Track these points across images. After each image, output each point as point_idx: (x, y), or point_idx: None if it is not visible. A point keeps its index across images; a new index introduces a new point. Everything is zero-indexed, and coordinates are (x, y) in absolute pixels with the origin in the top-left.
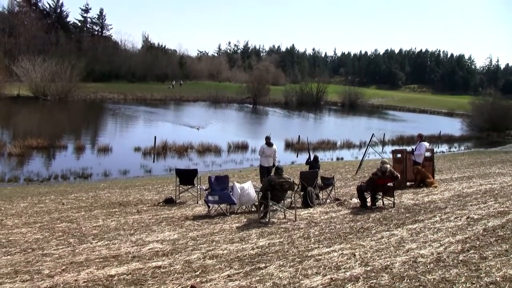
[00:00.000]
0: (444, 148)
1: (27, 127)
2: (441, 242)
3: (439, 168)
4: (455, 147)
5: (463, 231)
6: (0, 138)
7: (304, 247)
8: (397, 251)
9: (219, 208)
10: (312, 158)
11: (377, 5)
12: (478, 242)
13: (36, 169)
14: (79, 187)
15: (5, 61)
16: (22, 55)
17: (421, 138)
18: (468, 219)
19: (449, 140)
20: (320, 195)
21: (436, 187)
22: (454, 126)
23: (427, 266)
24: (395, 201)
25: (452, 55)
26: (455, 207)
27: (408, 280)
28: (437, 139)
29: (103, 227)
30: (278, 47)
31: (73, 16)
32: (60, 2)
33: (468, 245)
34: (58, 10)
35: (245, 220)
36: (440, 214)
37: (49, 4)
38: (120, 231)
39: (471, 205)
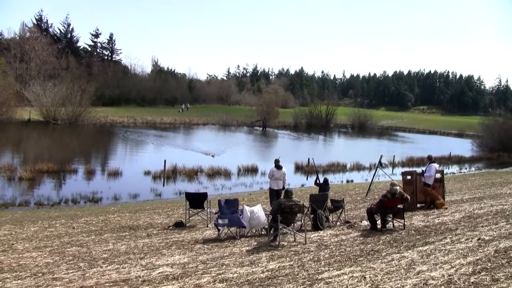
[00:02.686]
0: (454, 169)
1: (38, 151)
2: (452, 264)
3: (450, 189)
4: (466, 168)
5: (474, 252)
6: (11, 162)
7: (314, 270)
8: (408, 274)
9: (229, 231)
10: (321, 180)
11: (385, 27)
12: (489, 264)
13: (46, 193)
14: (89, 211)
15: (16, 86)
16: (33, 80)
17: (430, 159)
18: (479, 241)
19: (459, 161)
20: (330, 217)
21: (446, 208)
22: (464, 147)
23: None
24: (405, 223)
25: (461, 76)
26: (466, 229)
27: None
28: (447, 160)
29: (113, 251)
30: (287, 70)
31: (83, 41)
32: (71, 27)
33: (479, 267)
34: (69, 35)
35: (255, 243)
36: (450, 236)
37: (59, 29)
38: (130, 255)
39: (482, 227)
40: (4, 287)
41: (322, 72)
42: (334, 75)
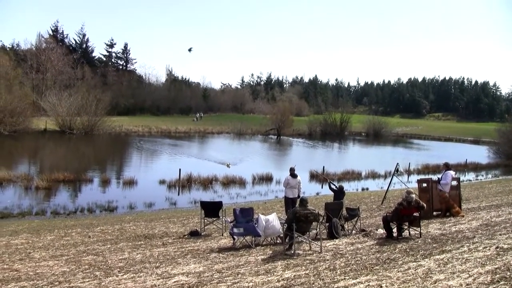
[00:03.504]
0: (470, 176)
1: (54, 161)
2: (469, 273)
3: (466, 197)
4: (482, 175)
5: (493, 261)
6: (28, 171)
7: (330, 279)
8: (425, 283)
9: (244, 240)
10: (337, 186)
11: (398, 34)
12: (508, 273)
13: (62, 202)
14: (105, 220)
15: (32, 96)
16: (49, 90)
17: (447, 167)
18: (498, 249)
19: (476, 168)
20: (346, 226)
21: (463, 216)
22: (480, 154)
23: None
24: (421, 231)
25: (476, 82)
26: (484, 237)
27: None
28: (463, 168)
29: (129, 259)
30: (301, 78)
31: (98, 51)
32: (86, 37)
33: (498, 275)
34: (84, 45)
35: (271, 252)
36: (468, 244)
37: (75, 40)
38: (145, 264)
39: (500, 235)
40: None
41: (336, 80)
42: (348, 83)
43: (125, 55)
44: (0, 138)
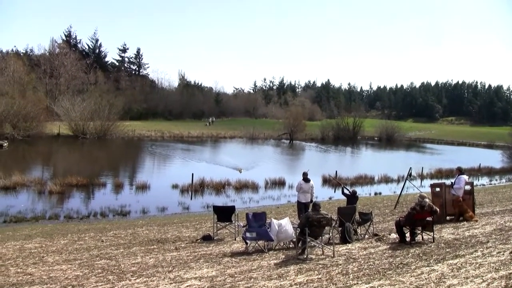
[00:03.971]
0: (484, 180)
1: (67, 165)
2: (483, 278)
3: (480, 201)
4: (496, 180)
5: (507, 266)
6: (41, 176)
7: (343, 284)
8: (438, 287)
9: (257, 244)
10: (350, 191)
11: (411, 38)
12: None
13: (75, 207)
14: (118, 224)
15: (46, 101)
16: (62, 95)
17: (460, 171)
18: None
19: (490, 172)
20: (358, 230)
21: (476, 221)
22: (494, 158)
23: None
24: (434, 235)
25: (490, 86)
26: (498, 241)
27: None
28: (477, 172)
29: (142, 264)
30: (314, 82)
31: (111, 56)
32: (99, 42)
33: None
34: (97, 50)
35: (283, 256)
36: (481, 249)
37: (88, 45)
38: (158, 268)
39: None
40: None
41: (349, 84)
42: (361, 87)
43: (138, 60)
44: (14, 142)
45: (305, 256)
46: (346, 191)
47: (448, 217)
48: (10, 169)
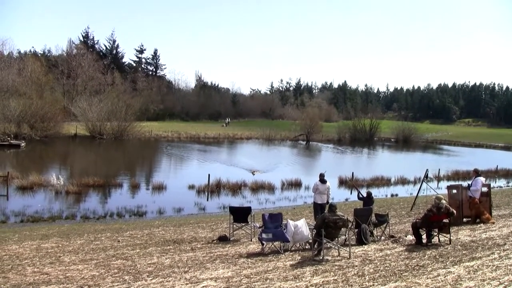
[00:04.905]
0: (501, 182)
1: (84, 166)
2: (500, 280)
3: (497, 203)
4: None
5: None
6: (58, 176)
7: (359, 285)
8: None
9: (273, 245)
10: (365, 194)
11: (429, 39)
12: None
13: (92, 207)
14: (134, 224)
15: (63, 102)
16: (79, 95)
17: (477, 173)
18: None
19: (507, 174)
20: (375, 232)
21: (493, 223)
22: None
23: None
24: (451, 237)
25: (507, 87)
26: None
27: None
28: (494, 174)
29: (158, 264)
30: (330, 83)
31: (128, 57)
32: (116, 43)
33: None
34: (114, 51)
35: (299, 257)
36: (498, 251)
37: (105, 46)
38: (174, 269)
39: None
40: None
41: (366, 85)
42: (378, 89)
43: (155, 61)
44: (31, 143)
45: (321, 258)
46: (361, 196)
47: (464, 219)
48: (28, 169)
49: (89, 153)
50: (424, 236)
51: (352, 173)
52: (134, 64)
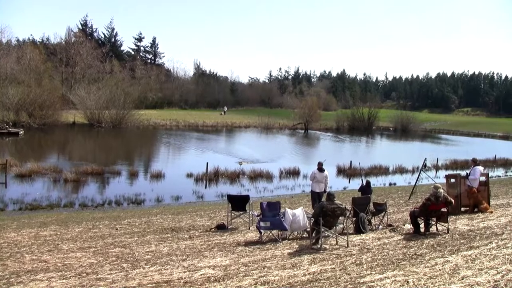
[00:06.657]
0: (500, 172)
1: (82, 154)
2: (498, 269)
3: (495, 193)
4: None
5: None
6: (57, 164)
7: (357, 274)
8: (452, 279)
9: (270, 234)
10: (362, 184)
11: (427, 28)
12: None
13: (90, 195)
14: (132, 212)
15: (62, 90)
16: (77, 83)
17: (475, 162)
18: None
19: (505, 164)
20: (373, 221)
21: (491, 212)
22: (510, 150)
23: None
24: (449, 227)
25: (506, 77)
26: None
27: None
28: (492, 163)
29: (156, 252)
30: (329, 72)
31: (127, 45)
32: (115, 31)
33: None
34: (113, 39)
35: (297, 246)
36: (496, 240)
37: (104, 34)
38: (172, 257)
39: None
40: (50, 286)
41: (364, 74)
42: (377, 77)
43: (154, 49)
44: (30, 131)
45: (319, 246)
46: (362, 186)
47: (462, 208)
48: (26, 157)
49: (87, 141)
50: (422, 225)
51: (351, 161)
52: (133, 52)
